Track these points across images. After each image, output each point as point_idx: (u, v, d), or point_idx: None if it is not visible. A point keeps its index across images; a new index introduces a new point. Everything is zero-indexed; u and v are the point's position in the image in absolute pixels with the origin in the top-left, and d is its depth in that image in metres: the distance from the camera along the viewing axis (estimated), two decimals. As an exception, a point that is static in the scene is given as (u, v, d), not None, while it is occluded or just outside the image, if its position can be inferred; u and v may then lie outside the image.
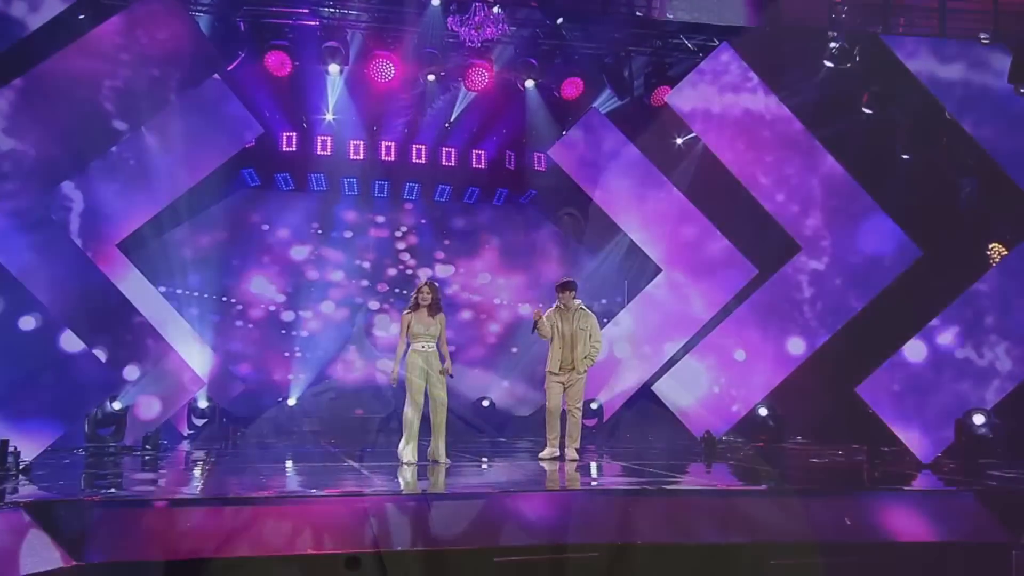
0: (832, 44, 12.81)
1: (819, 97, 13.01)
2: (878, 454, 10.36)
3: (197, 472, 9.47)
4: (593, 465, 10.11)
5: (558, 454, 9.99)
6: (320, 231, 15.91)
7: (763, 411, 13.09)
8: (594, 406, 14.27)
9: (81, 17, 11.25)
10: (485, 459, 10.59)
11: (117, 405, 11.14)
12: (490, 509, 6.28)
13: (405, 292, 15.41)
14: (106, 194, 11.96)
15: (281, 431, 14.72)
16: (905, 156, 13.01)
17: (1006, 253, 12.84)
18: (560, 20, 13.39)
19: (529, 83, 13.97)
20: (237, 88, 12.70)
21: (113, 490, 7.54)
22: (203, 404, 13.38)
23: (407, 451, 9.13)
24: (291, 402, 15.21)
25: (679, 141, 14.93)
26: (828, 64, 12.94)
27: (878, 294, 12.67)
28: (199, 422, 13.46)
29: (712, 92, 12.90)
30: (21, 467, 8.54)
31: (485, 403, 15.64)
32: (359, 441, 13.04)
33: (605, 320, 15.66)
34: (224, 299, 15.34)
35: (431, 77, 13.53)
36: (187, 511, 6.15)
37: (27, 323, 9.93)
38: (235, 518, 6.07)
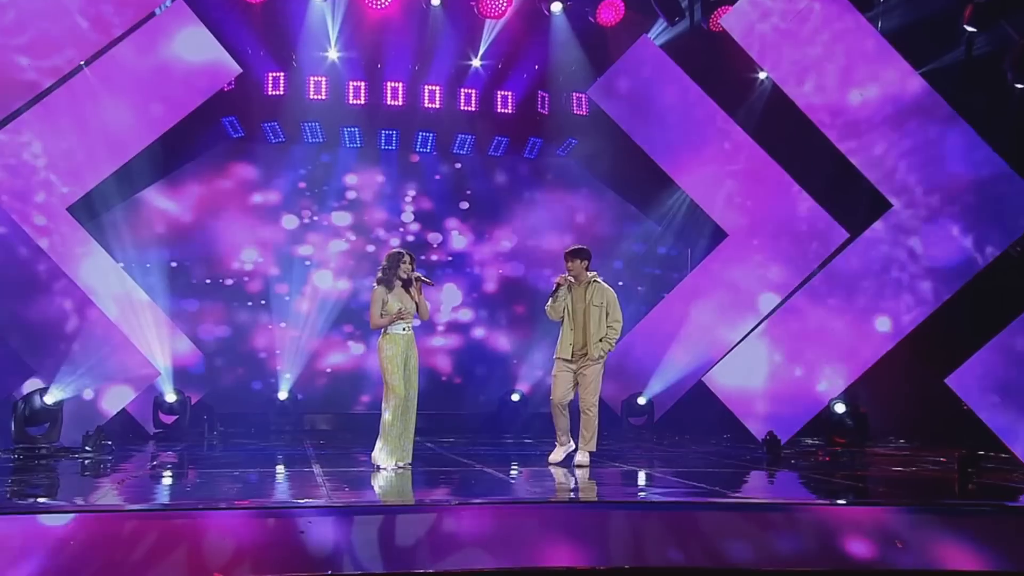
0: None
1: (911, 13, 12.43)
2: (974, 461, 9.69)
3: (122, 478, 9.28)
4: (616, 472, 9.79)
5: (573, 452, 9.73)
6: (316, 191, 15.73)
7: (840, 408, 12.57)
8: (642, 401, 14.02)
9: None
10: (477, 464, 10.30)
11: (49, 399, 11.07)
12: (420, 525, 6.01)
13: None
14: (50, 148, 11.87)
15: (269, 428, 14.63)
16: (1020, 85, 12.29)
17: None
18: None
19: (556, 7, 13.51)
20: (203, 18, 12.46)
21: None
22: (171, 398, 13.29)
23: (384, 454, 9.08)
24: (282, 395, 15.10)
25: (761, 76, 14.31)
26: (922, -30, 12.41)
27: (992, 261, 12.01)
28: (168, 419, 13.40)
29: (778, 12, 12.31)
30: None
31: (515, 397, 15.38)
32: (356, 440, 12.81)
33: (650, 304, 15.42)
34: (200, 273, 15.26)
35: (435, 1, 13.18)
36: (70, 524, 5.96)
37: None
38: (132, 533, 5.87)
